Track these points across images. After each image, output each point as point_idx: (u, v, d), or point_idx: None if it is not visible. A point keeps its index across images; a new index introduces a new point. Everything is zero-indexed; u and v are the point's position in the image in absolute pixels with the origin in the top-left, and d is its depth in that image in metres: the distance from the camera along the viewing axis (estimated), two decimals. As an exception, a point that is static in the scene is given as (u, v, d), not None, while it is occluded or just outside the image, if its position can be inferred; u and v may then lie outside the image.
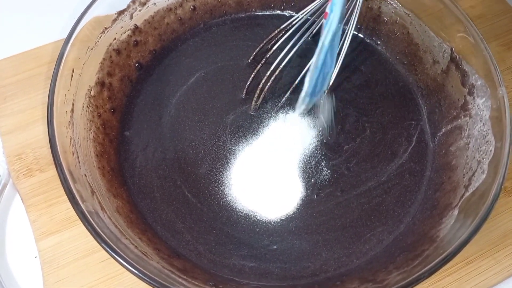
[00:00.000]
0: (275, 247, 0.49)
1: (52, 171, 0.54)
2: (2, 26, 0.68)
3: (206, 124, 0.56)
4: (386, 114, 0.58)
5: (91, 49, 0.53)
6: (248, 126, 0.56)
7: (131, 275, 0.40)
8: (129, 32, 0.57)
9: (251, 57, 0.60)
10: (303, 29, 0.54)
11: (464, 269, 0.51)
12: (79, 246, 0.51)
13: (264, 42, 0.59)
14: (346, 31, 0.53)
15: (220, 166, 0.54)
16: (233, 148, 0.55)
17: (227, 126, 0.56)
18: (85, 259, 0.50)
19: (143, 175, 0.53)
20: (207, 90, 0.59)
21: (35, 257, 0.52)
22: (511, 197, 0.56)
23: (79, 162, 0.46)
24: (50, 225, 0.52)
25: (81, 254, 0.51)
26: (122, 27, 0.56)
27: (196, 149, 0.55)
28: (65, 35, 0.50)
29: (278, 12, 0.65)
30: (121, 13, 0.56)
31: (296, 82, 0.55)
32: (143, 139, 0.55)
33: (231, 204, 0.52)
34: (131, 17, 0.57)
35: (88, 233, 0.40)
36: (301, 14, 0.56)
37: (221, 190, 0.52)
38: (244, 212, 0.51)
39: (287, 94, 0.56)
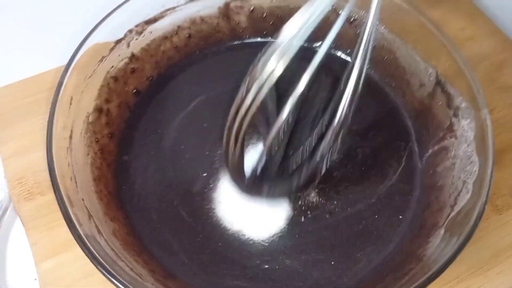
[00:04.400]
0: (266, 266, 0.50)
1: (52, 195, 0.54)
2: (4, 55, 0.70)
3: (204, 148, 0.57)
4: (377, 137, 0.59)
5: (89, 76, 0.54)
6: None
7: (128, 296, 0.41)
8: (126, 60, 0.59)
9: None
10: None
11: (455, 287, 0.52)
12: (78, 268, 0.52)
13: None
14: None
15: (215, 188, 0.54)
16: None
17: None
18: (84, 280, 0.51)
19: (140, 198, 0.54)
20: (205, 116, 0.60)
21: (35, 279, 0.53)
22: (502, 215, 0.56)
23: (77, 186, 0.47)
24: (49, 248, 0.53)
25: (80, 276, 0.51)
26: (119, 55, 0.58)
27: (194, 172, 0.56)
28: (64, 62, 0.52)
29: (271, 39, 0.67)
30: (118, 42, 0.57)
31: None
32: (141, 163, 0.56)
33: (223, 224, 0.52)
34: (128, 46, 0.59)
35: (86, 256, 0.42)
36: None
37: (215, 211, 0.53)
38: (236, 231, 0.52)
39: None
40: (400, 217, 0.53)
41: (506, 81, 0.67)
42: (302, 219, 0.53)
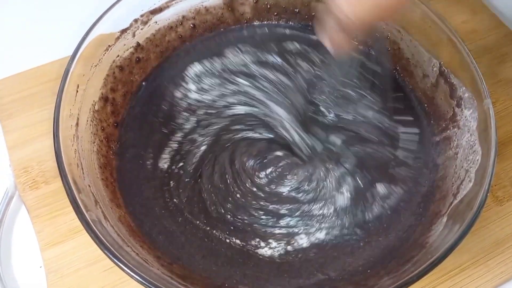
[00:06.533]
0: (267, 253, 0.50)
1: (57, 183, 0.56)
2: (10, 45, 0.71)
3: (208, 138, 0.57)
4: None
5: (95, 66, 0.55)
6: None
7: (133, 283, 0.41)
8: (131, 50, 0.59)
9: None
10: None
11: (457, 276, 0.52)
12: (82, 256, 0.52)
13: None
14: None
15: (219, 178, 0.55)
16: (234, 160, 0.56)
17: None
18: (89, 268, 0.52)
19: (144, 186, 0.54)
20: (210, 106, 0.60)
21: (40, 267, 0.53)
22: (503, 206, 0.57)
23: (83, 173, 0.48)
24: (54, 236, 0.54)
25: (85, 263, 0.52)
26: (125, 44, 0.58)
27: (198, 161, 0.56)
28: (69, 53, 0.52)
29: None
30: (124, 31, 0.58)
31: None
32: (145, 151, 0.56)
33: (224, 213, 0.53)
34: (134, 35, 0.59)
35: (92, 243, 0.42)
36: None
37: (219, 201, 0.54)
38: (237, 215, 0.53)
39: None
40: (404, 206, 0.53)
41: (508, 74, 0.68)
42: (306, 207, 0.53)
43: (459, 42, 0.53)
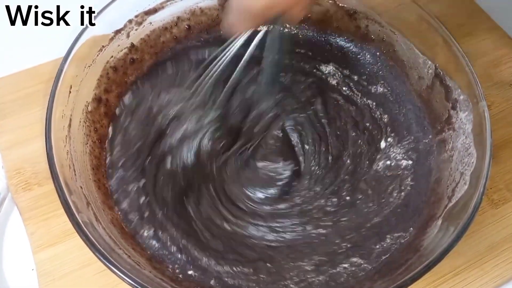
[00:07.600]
0: (263, 258, 0.50)
1: (50, 185, 0.55)
2: (3, 46, 0.70)
3: (203, 139, 0.57)
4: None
5: (89, 66, 0.54)
6: None
7: (125, 286, 0.41)
8: (125, 50, 0.59)
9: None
10: None
11: (452, 279, 0.52)
12: (75, 258, 0.52)
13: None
14: None
15: (214, 182, 0.54)
16: (225, 162, 0.56)
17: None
18: (81, 271, 0.51)
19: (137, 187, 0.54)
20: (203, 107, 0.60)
21: (32, 269, 0.53)
22: (498, 209, 0.57)
23: (75, 174, 0.48)
24: (47, 238, 0.53)
25: (77, 266, 0.52)
26: (119, 45, 0.58)
27: (192, 161, 0.55)
28: (63, 54, 0.52)
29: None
30: (118, 32, 0.58)
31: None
32: (139, 153, 0.56)
33: (217, 216, 0.53)
34: (128, 36, 0.59)
35: (84, 246, 0.42)
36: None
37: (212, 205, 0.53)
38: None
39: None
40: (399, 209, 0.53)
41: (503, 77, 0.67)
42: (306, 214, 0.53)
43: (455, 45, 0.53)
